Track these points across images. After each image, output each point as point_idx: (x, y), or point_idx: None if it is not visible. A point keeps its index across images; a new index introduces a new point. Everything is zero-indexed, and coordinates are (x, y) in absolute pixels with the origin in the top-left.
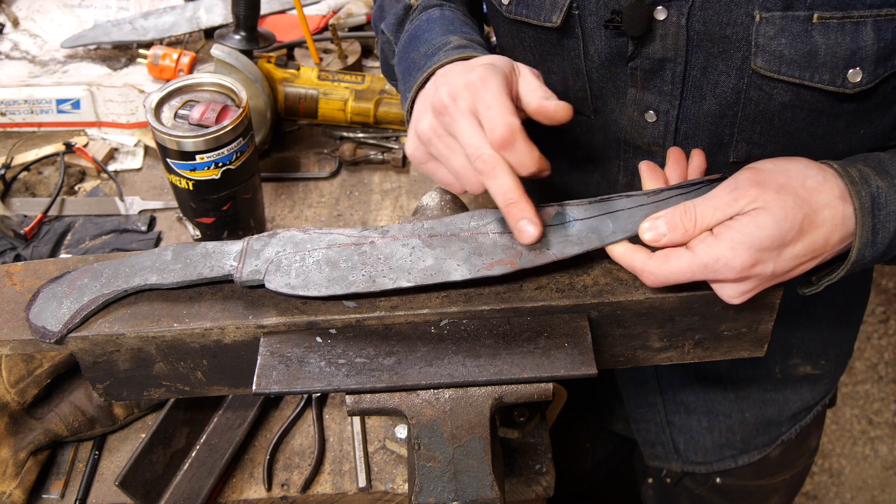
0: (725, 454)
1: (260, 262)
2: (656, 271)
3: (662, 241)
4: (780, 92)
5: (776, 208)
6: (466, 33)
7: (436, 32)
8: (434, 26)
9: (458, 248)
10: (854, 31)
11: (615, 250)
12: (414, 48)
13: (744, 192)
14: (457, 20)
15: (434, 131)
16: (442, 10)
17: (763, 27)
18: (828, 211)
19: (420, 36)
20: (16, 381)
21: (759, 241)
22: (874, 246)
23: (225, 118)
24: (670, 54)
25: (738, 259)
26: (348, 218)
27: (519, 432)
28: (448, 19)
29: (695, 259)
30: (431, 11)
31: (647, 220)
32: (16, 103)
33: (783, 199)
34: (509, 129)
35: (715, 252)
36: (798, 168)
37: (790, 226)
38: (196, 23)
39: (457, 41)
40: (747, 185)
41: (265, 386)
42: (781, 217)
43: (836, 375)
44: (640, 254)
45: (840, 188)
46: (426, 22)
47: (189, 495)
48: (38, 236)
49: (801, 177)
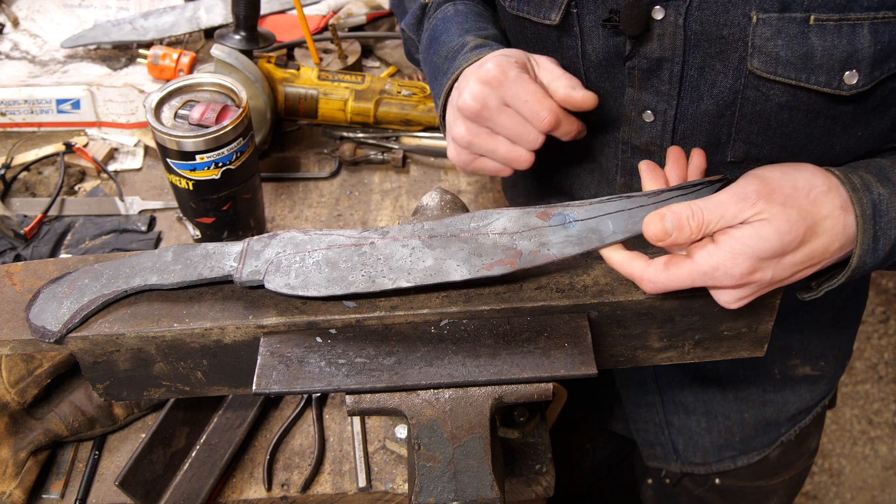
0: (725, 455)
1: (260, 262)
2: (655, 279)
3: (666, 241)
4: (776, 93)
5: (780, 221)
6: (482, 29)
7: (453, 33)
8: (450, 26)
9: (457, 248)
10: (851, 33)
11: (613, 258)
12: (434, 51)
13: (751, 204)
14: (471, 15)
15: (471, 133)
16: (455, 6)
17: (760, 28)
18: (829, 221)
19: (438, 38)
20: (16, 381)
21: (760, 252)
22: (875, 253)
23: (225, 118)
24: (668, 54)
25: (737, 268)
26: (348, 218)
27: (519, 432)
28: (462, 16)
29: (694, 267)
30: (446, 8)
31: (654, 214)
32: (16, 103)
33: (788, 213)
34: (554, 114)
35: (715, 260)
36: (805, 177)
37: (792, 238)
38: (196, 23)
39: (473, 41)
40: (755, 196)
41: (265, 386)
42: (785, 230)
43: (835, 376)
44: (639, 261)
45: (843, 198)
46: (442, 21)
47: (189, 495)
48: (38, 236)
49: (807, 187)
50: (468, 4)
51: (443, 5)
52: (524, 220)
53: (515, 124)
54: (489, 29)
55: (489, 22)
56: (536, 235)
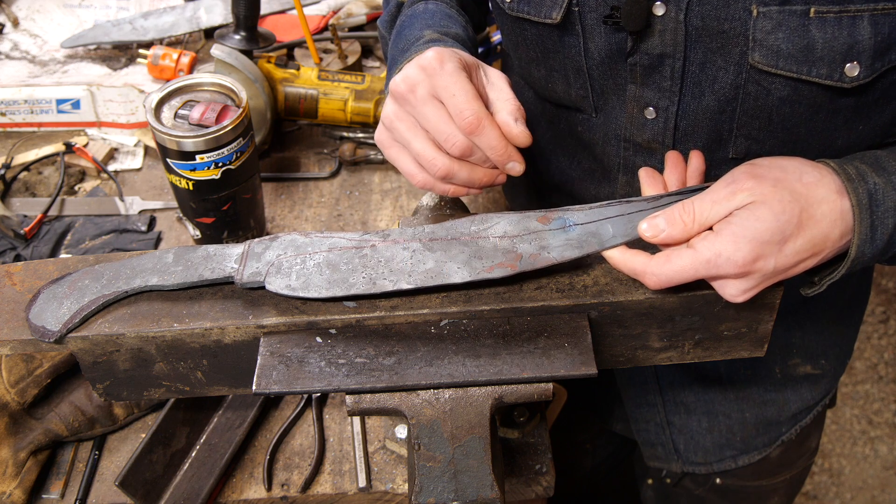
0: (725, 454)
1: (261, 264)
2: (658, 272)
3: (661, 237)
4: (777, 87)
5: (773, 202)
6: (445, 27)
7: (415, 27)
8: (415, 21)
9: (458, 251)
10: (851, 25)
11: (614, 256)
12: (395, 45)
13: (741, 185)
14: (439, 13)
15: (396, 116)
16: (427, 4)
17: (760, 22)
18: (826, 206)
19: (402, 32)
20: (16, 381)
21: (759, 234)
22: (873, 242)
23: (225, 118)
24: (669, 50)
25: (739, 253)
26: (348, 218)
27: (519, 432)
28: (430, 13)
29: (696, 256)
30: (417, 6)
31: (646, 220)
32: (16, 103)
33: (780, 193)
34: (478, 118)
35: (716, 247)
36: (794, 165)
37: (788, 218)
38: (196, 23)
39: (430, 35)
40: (744, 178)
41: (265, 386)
42: (779, 210)
43: (836, 376)
44: (640, 256)
45: (837, 184)
46: (409, 17)
47: (189, 495)
48: (38, 236)
49: (797, 172)
50: (440, 5)
51: (415, 4)
52: (524, 224)
53: (438, 119)
54: (452, 28)
55: (456, 23)
56: (536, 239)
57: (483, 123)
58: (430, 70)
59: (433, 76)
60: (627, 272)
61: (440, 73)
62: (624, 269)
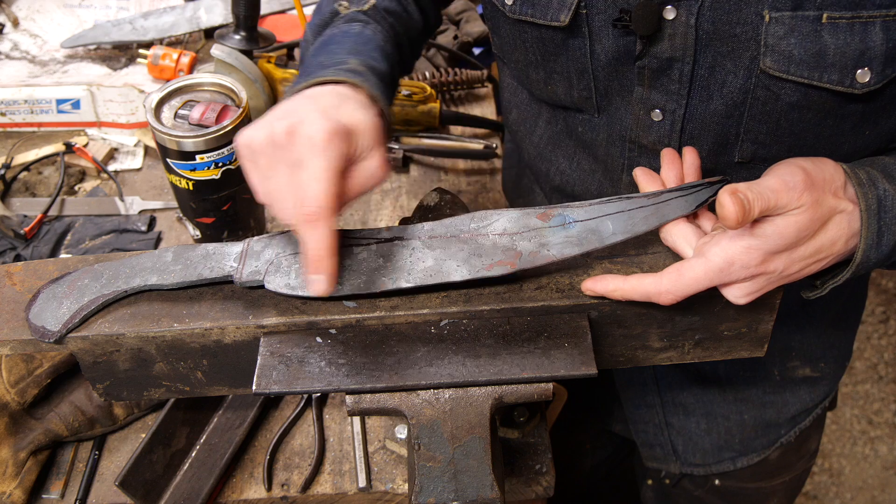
0: (724, 456)
1: (260, 263)
2: (674, 289)
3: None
4: (787, 92)
5: (804, 218)
6: (373, 59)
7: (343, 47)
8: (346, 41)
9: (457, 249)
10: (863, 31)
11: (623, 288)
12: (317, 55)
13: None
14: (372, 42)
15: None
16: (364, 28)
17: (773, 27)
18: (841, 216)
19: (328, 46)
20: (16, 381)
21: (774, 247)
22: (879, 248)
23: (225, 118)
24: (678, 53)
25: (753, 261)
26: (348, 218)
27: (519, 432)
28: (364, 39)
29: (709, 265)
30: (353, 25)
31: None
32: (16, 103)
33: (818, 212)
34: (319, 210)
35: (729, 255)
36: (829, 171)
37: (808, 230)
38: (196, 23)
39: (354, 64)
40: (802, 187)
41: (265, 386)
42: (805, 226)
43: (835, 378)
44: (648, 278)
45: (850, 193)
46: (342, 35)
47: (189, 495)
48: (38, 236)
49: (830, 181)
50: (378, 33)
51: (353, 22)
52: (524, 221)
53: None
54: (379, 64)
55: (386, 59)
56: (536, 236)
57: (322, 222)
58: (296, 139)
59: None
60: (640, 298)
61: (308, 152)
62: (635, 297)
